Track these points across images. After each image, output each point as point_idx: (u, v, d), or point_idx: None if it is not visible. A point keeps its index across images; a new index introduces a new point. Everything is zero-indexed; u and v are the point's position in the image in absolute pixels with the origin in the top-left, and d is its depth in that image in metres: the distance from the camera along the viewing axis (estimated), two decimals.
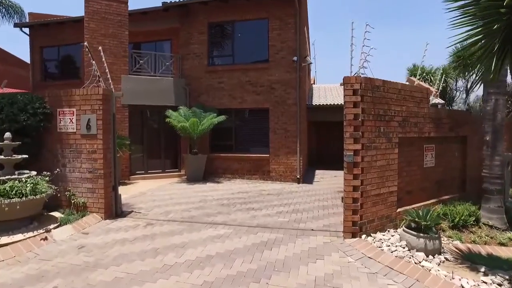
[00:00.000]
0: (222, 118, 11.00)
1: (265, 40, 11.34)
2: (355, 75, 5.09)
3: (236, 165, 11.65)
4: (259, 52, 11.54)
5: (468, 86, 16.06)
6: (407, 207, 5.97)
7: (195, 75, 11.97)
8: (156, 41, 13.47)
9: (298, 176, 11.02)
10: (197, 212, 6.94)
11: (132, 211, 6.81)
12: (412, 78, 18.99)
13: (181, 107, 11.30)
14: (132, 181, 10.92)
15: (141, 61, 11.38)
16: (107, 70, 6.32)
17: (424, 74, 20.77)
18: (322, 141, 17.29)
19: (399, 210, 5.78)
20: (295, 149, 11.06)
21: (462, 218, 5.86)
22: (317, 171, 14.61)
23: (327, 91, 17.61)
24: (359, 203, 5.11)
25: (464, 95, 19.23)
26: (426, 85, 17.06)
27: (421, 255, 4.48)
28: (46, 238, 4.88)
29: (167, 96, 11.65)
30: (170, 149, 12.14)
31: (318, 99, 15.68)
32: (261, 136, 11.63)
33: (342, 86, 5.37)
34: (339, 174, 13.73)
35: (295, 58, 10.80)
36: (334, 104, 14.56)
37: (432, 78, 20.02)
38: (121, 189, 8.85)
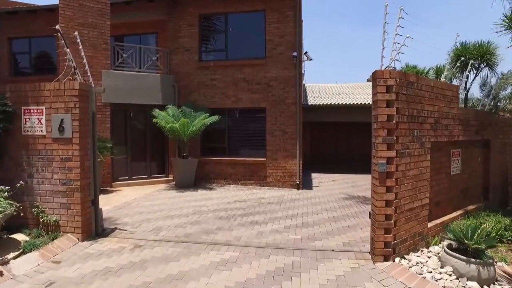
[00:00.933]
0: (215, 118, 10.03)
1: (262, 34, 10.45)
2: (388, 69, 4.30)
3: (230, 170, 10.71)
4: (255, 47, 10.63)
5: (465, 85, 15.69)
6: (436, 221, 5.22)
7: (184, 71, 10.96)
8: (141, 34, 12.34)
9: (298, 182, 10.18)
10: (192, 228, 5.97)
11: (116, 228, 5.77)
12: None
13: (169, 106, 10.27)
14: (115, 189, 9.80)
15: (124, 55, 10.27)
16: (85, 61, 5.26)
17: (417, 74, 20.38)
18: (316, 142, 16.55)
19: (430, 225, 5.00)
20: (294, 152, 10.22)
21: (498, 233, 5.15)
22: (313, 175, 13.84)
23: (321, 90, 16.89)
24: (392, 221, 4.29)
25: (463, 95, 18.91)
26: None
27: (476, 286, 3.69)
28: (1, 274, 3.80)
29: (153, 94, 10.59)
30: (157, 153, 11.07)
31: (313, 98, 14.92)
32: (257, 138, 10.73)
33: (368, 83, 4.55)
34: (337, 178, 13.01)
35: (294, 54, 9.96)
36: (330, 104, 13.82)
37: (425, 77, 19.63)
38: (102, 199, 7.79)
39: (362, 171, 14.75)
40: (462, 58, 15.02)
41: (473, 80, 15.99)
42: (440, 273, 4.01)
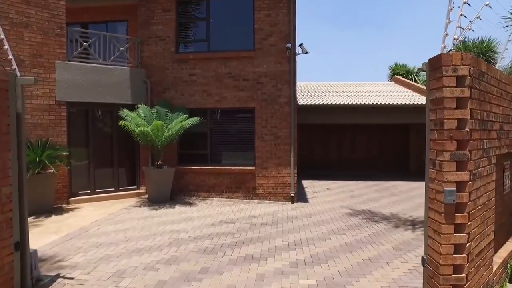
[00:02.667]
0: (194, 120, 8.48)
1: (250, 22, 8.98)
2: (451, 51, 2.98)
3: (213, 181, 9.16)
4: (242, 37, 9.15)
5: None
6: (497, 259, 3.94)
7: (158, 64, 9.31)
8: (108, 22, 10.57)
9: (292, 194, 8.78)
10: (168, 271, 4.41)
11: (58, 277, 4.13)
12: (399, 77, 17.61)
13: (140, 105, 8.64)
14: (72, 206, 8.03)
15: (85, 43, 8.51)
16: (3, 40, 3.58)
17: (407, 73, 19.55)
18: (305, 146, 15.25)
19: (494, 268, 3.71)
20: (288, 159, 8.82)
21: None
22: (304, 182, 12.50)
23: (310, 89, 15.61)
24: (464, 274, 2.93)
25: None
26: (419, 84, 15.66)
27: None
28: None
29: (121, 91, 8.90)
30: (127, 161, 9.37)
31: (303, 98, 13.59)
32: (244, 144, 9.25)
33: (424, 71, 3.19)
34: (331, 186, 11.73)
35: (288, 45, 8.56)
36: (322, 104, 12.54)
37: (416, 77, 18.83)
38: (51, 224, 6.12)
39: (355, 177, 13.61)
40: None
41: None
42: None
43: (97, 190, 8.69)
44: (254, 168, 8.96)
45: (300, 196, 9.61)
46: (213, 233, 6.07)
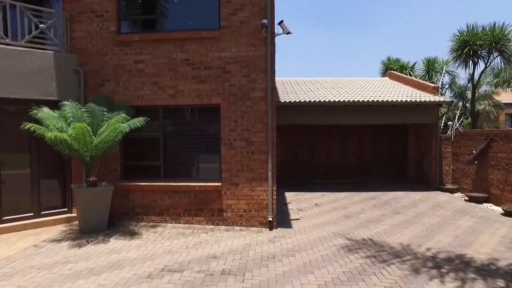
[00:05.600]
0: (138, 122, 6.29)
1: None
2: None
3: (167, 201, 6.98)
4: (204, 13, 7.02)
5: (472, 78, 12.97)
6: None
7: (94, 48, 7.07)
8: None
9: (270, 218, 6.67)
10: None
11: None
12: (394, 72, 15.79)
13: (66, 103, 6.40)
14: None
15: None
16: None
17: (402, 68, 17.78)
18: (289, 151, 13.18)
19: None
20: (265, 173, 6.72)
21: None
22: (287, 195, 10.45)
23: (294, 85, 13.57)
24: None
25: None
26: (418, 79, 13.79)
27: None
28: None
29: (42, 84, 6.64)
30: (53, 176, 7.10)
31: (287, 95, 11.54)
32: (208, 153, 7.13)
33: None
34: (320, 200, 9.68)
35: (264, 21, 6.45)
36: (308, 101, 10.53)
37: (411, 73, 17.05)
38: None
39: (347, 187, 11.62)
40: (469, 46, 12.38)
41: (483, 71, 13.55)
42: None
43: (3, 218, 6.37)
44: (220, 184, 6.82)
45: (281, 218, 7.52)
46: None
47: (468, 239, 6.19)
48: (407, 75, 15.98)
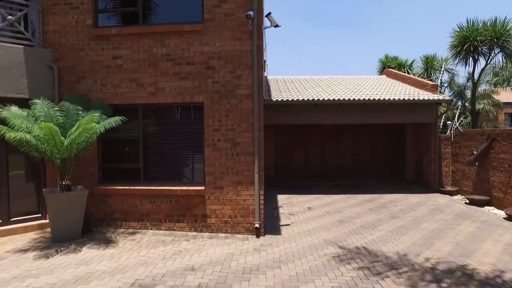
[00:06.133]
0: (114, 122, 5.84)
1: None
2: None
3: (147, 206, 6.51)
4: (185, 5, 6.58)
5: (473, 75, 12.42)
6: None
7: (70, 43, 6.61)
8: None
9: (257, 225, 6.21)
10: None
11: None
12: (391, 69, 15.34)
13: (37, 101, 5.93)
14: None
15: None
16: None
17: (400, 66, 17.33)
18: (282, 152, 12.72)
19: None
20: (251, 176, 6.26)
21: None
22: (279, 198, 10.01)
23: (288, 83, 13.12)
24: None
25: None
26: (416, 77, 13.34)
27: None
28: None
29: (11, 81, 6.18)
30: (25, 180, 6.64)
31: (280, 93, 11.08)
32: (190, 154, 6.68)
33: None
34: (313, 203, 9.21)
35: (250, 13, 5.99)
36: (304, 100, 10.08)
37: (409, 71, 16.59)
38: None
39: (343, 189, 11.17)
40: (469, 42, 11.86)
41: (483, 68, 13.05)
42: None
43: None
44: (203, 188, 6.36)
45: (271, 223, 7.07)
46: None
47: (470, 247, 5.73)
48: (405, 73, 15.52)
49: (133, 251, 5.46)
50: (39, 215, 6.70)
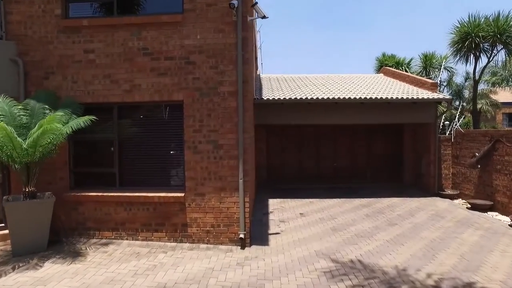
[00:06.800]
0: (82, 121, 5.26)
1: None
2: None
3: (123, 214, 5.94)
4: None
5: (474, 74, 11.87)
6: None
7: (36, 35, 6.02)
8: None
9: (242, 235, 5.65)
10: None
11: None
12: (389, 68, 14.83)
13: None
14: None
15: None
16: None
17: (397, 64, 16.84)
18: (274, 153, 12.17)
19: None
20: (235, 181, 5.69)
21: None
22: (270, 202, 9.46)
23: (282, 82, 12.56)
24: None
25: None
26: (415, 75, 12.82)
27: None
28: None
29: None
30: None
31: (272, 92, 10.53)
32: (169, 157, 6.10)
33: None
34: (306, 208, 8.64)
35: (234, 2, 5.42)
36: (297, 99, 9.53)
37: (407, 69, 16.08)
38: None
39: (338, 192, 10.63)
40: (470, 39, 11.30)
41: (485, 66, 12.55)
42: None
43: None
44: (183, 194, 5.78)
45: (259, 231, 6.52)
46: None
47: (476, 260, 5.20)
48: (403, 71, 15.00)
49: (101, 266, 4.89)
50: (3, 225, 6.10)
